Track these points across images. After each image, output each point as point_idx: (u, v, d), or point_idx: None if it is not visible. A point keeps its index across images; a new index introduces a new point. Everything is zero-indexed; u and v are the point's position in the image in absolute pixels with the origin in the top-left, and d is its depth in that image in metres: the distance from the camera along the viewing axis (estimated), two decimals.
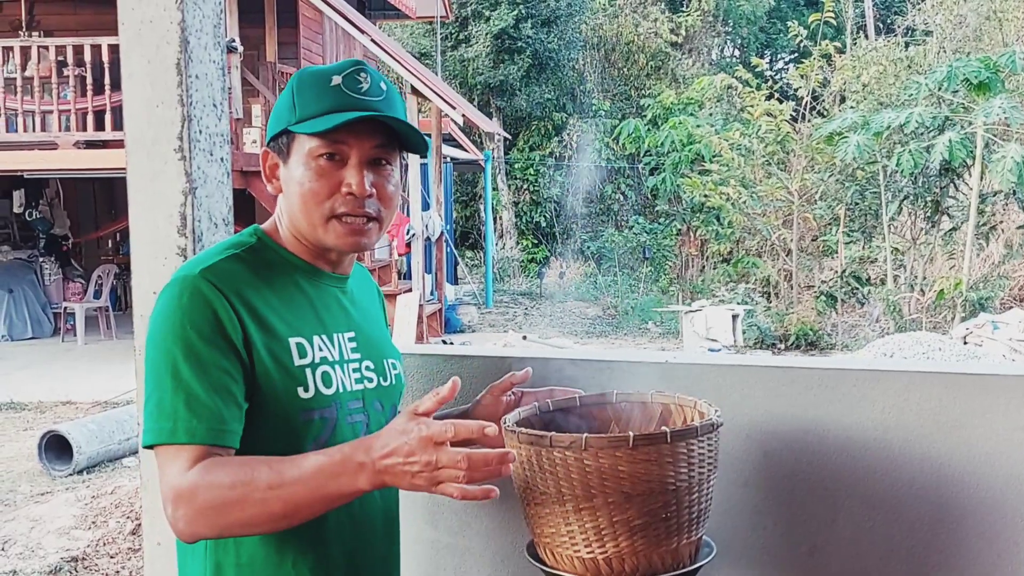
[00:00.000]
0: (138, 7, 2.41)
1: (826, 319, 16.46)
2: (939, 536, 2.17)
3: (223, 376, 1.61)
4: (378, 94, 1.74)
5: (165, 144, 2.42)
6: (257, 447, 1.65)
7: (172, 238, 2.42)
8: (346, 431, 1.74)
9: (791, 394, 2.24)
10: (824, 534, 2.24)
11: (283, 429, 1.68)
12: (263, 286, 1.72)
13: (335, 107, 1.70)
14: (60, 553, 6.06)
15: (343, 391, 1.75)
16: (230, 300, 1.64)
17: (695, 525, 1.77)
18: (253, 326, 1.65)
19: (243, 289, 1.67)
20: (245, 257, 1.74)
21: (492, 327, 17.08)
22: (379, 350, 1.88)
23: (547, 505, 1.73)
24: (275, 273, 1.76)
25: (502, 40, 24.51)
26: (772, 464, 2.25)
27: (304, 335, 1.72)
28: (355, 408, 1.77)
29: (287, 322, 1.71)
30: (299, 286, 1.77)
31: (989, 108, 13.67)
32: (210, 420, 1.58)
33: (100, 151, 13.14)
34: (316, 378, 1.71)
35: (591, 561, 1.72)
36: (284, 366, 1.68)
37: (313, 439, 1.69)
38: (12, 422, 9.85)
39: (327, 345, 1.75)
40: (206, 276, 1.65)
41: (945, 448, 2.16)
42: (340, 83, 1.71)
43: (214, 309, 1.62)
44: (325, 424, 1.71)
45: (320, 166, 1.72)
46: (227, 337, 1.62)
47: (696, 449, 1.73)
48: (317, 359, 1.72)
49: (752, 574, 2.28)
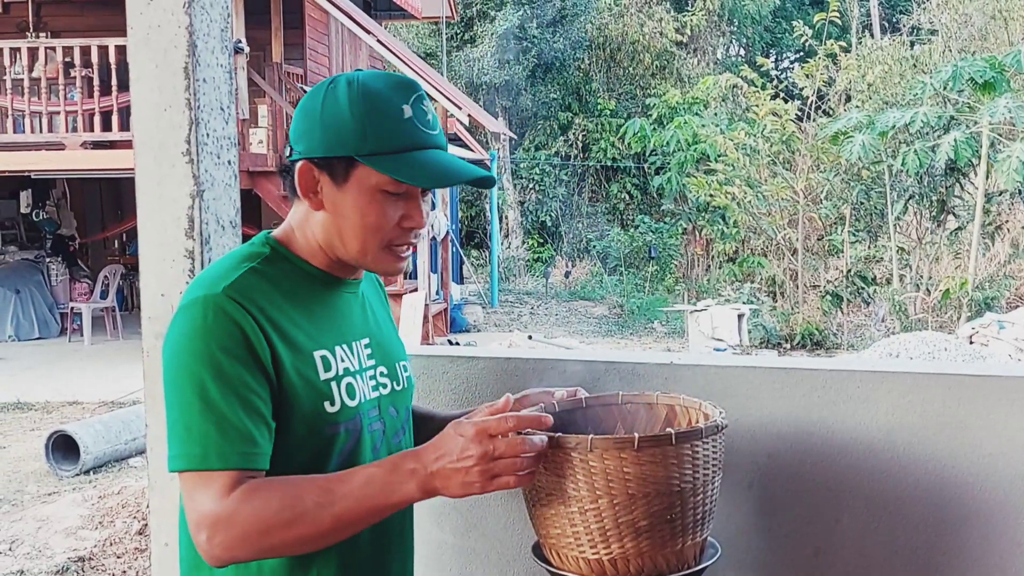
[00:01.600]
0: (146, 11, 2.43)
1: (831, 319, 16.47)
2: (943, 537, 2.17)
3: (253, 397, 1.58)
4: (437, 125, 1.72)
5: (173, 147, 2.43)
6: (283, 463, 1.63)
7: (180, 241, 2.44)
8: (366, 440, 1.74)
9: (796, 395, 2.25)
10: (829, 535, 2.25)
11: (310, 444, 1.67)
12: (283, 300, 1.68)
13: (412, 146, 1.67)
14: (67, 553, 6.09)
15: (364, 400, 1.74)
16: (256, 318, 1.61)
17: (700, 526, 1.78)
18: (280, 344, 1.63)
19: (266, 306, 1.64)
20: (262, 270, 1.70)
21: (497, 327, 17.10)
22: (391, 354, 1.87)
23: (553, 506, 1.74)
24: (293, 284, 1.72)
25: (508, 40, 24.52)
26: (777, 465, 2.26)
27: (327, 347, 1.70)
28: (374, 416, 1.77)
29: (310, 335, 1.69)
30: (317, 296, 1.75)
31: (994, 108, 13.65)
32: (242, 444, 1.56)
33: (107, 152, 13.18)
34: (341, 391, 1.69)
35: (596, 562, 1.73)
36: (310, 382, 1.66)
37: (339, 452, 1.69)
38: (19, 422, 9.87)
39: (348, 355, 1.74)
40: (229, 294, 1.61)
41: (949, 449, 2.17)
42: (412, 116, 1.67)
43: (241, 328, 1.59)
44: (350, 436, 1.70)
45: (387, 200, 1.69)
46: (256, 356, 1.59)
47: (701, 451, 1.73)
48: (341, 371, 1.70)
49: (757, 575, 2.29)
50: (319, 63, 16.62)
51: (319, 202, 1.71)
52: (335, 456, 1.68)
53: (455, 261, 18.86)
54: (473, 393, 2.40)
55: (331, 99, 1.68)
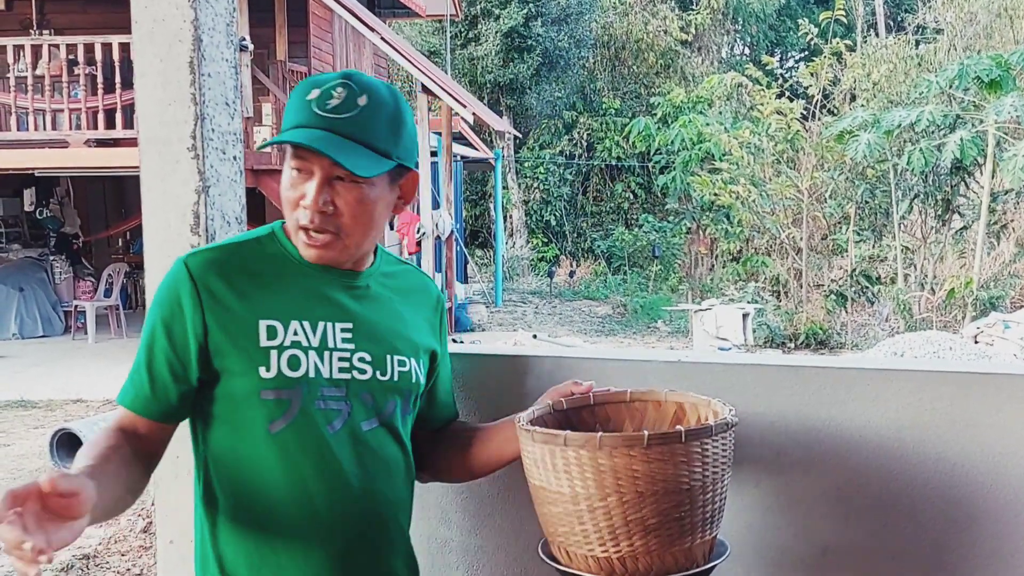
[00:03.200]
0: (151, 5, 2.42)
1: (836, 318, 16.44)
2: (953, 536, 2.16)
3: (162, 355, 1.80)
4: (348, 111, 1.77)
5: (178, 143, 2.42)
6: (219, 419, 1.83)
7: (185, 236, 2.43)
8: (316, 415, 1.80)
9: (804, 393, 2.23)
10: (837, 534, 2.23)
11: (245, 403, 1.79)
12: (246, 275, 1.83)
13: (298, 123, 1.78)
14: (71, 551, 6.07)
15: (315, 376, 1.80)
16: (198, 288, 1.79)
17: (709, 525, 1.77)
18: (216, 311, 1.79)
19: (216, 277, 1.80)
20: (245, 246, 1.88)
21: (501, 326, 17.09)
22: (383, 345, 1.89)
23: (561, 504, 1.73)
24: (269, 263, 1.86)
25: (512, 38, 24.50)
26: (785, 464, 2.25)
27: (279, 319, 1.81)
28: (332, 395, 1.81)
29: (261, 306, 1.81)
30: (290, 277, 1.85)
31: (1000, 106, 13.64)
32: (141, 389, 1.81)
33: (111, 150, 13.18)
34: (281, 360, 1.78)
35: (605, 560, 1.72)
36: (245, 347, 1.78)
37: (270, 418, 1.79)
38: (22, 420, 9.87)
39: (305, 330, 1.81)
40: (187, 263, 1.82)
41: (959, 448, 2.15)
42: (314, 98, 1.77)
43: (179, 294, 1.79)
44: (283, 404, 1.78)
45: (292, 177, 1.80)
46: (183, 323, 1.79)
47: (711, 448, 1.72)
48: (287, 342, 1.79)
49: (765, 574, 2.27)
50: (323, 61, 16.61)
51: None
52: (267, 421, 1.79)
53: (459, 260, 18.85)
54: (479, 392, 2.39)
55: None
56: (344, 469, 1.82)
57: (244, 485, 1.82)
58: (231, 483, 1.83)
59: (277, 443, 1.79)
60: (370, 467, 1.86)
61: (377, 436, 1.87)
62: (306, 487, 1.80)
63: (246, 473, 1.81)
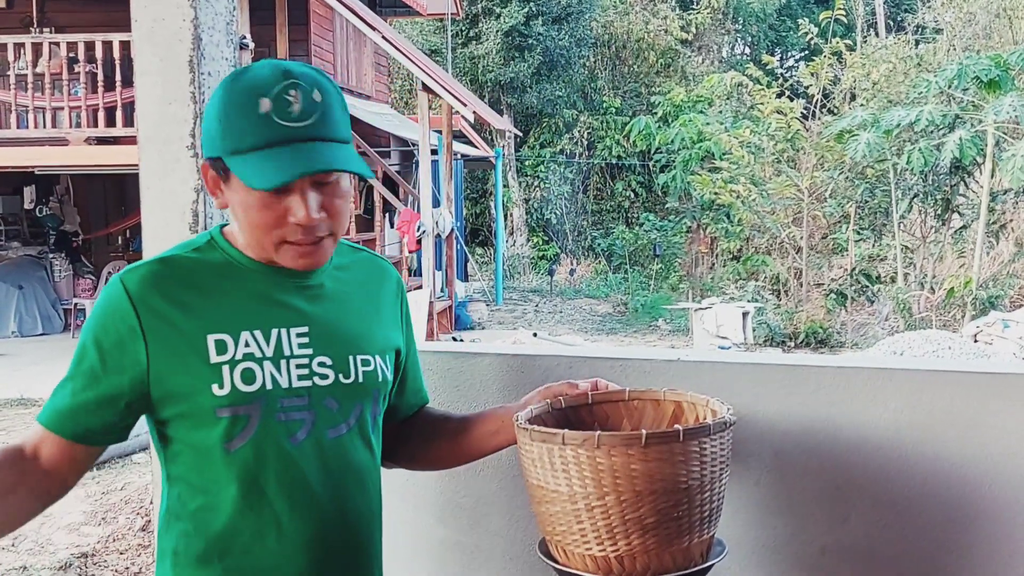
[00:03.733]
0: (151, 5, 2.42)
1: (836, 317, 16.45)
2: (952, 536, 2.16)
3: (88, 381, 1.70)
4: (310, 114, 1.63)
5: (177, 141, 2.42)
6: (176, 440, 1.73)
7: (184, 234, 2.43)
8: (276, 428, 1.70)
9: (803, 393, 2.24)
10: (836, 534, 2.23)
11: (195, 425, 1.70)
12: (186, 288, 1.71)
13: (267, 142, 1.61)
14: (70, 549, 6.08)
15: (273, 388, 1.70)
16: (137, 310, 1.68)
17: (707, 524, 1.77)
18: (159, 330, 1.68)
19: (156, 295, 1.69)
20: (185, 258, 1.75)
21: (502, 324, 17.09)
22: (344, 346, 1.79)
23: (559, 503, 1.73)
24: (212, 273, 1.74)
25: (512, 37, 24.52)
26: (784, 463, 2.25)
27: (228, 332, 1.70)
28: (293, 406, 1.71)
29: (208, 320, 1.70)
30: (237, 284, 1.74)
31: (999, 106, 13.64)
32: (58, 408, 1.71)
33: (111, 147, 13.19)
34: (234, 375, 1.67)
35: (603, 559, 1.72)
36: (194, 366, 1.67)
37: (231, 435, 1.69)
38: (22, 418, 9.87)
39: (257, 341, 1.71)
40: (124, 280, 1.70)
41: (958, 448, 2.15)
42: (270, 109, 1.61)
43: (116, 319, 1.68)
44: (241, 421, 1.68)
45: (262, 198, 1.65)
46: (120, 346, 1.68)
47: (709, 447, 1.72)
48: (240, 356, 1.69)
49: (763, 573, 2.28)
50: (324, 60, 16.62)
51: (224, 201, 1.73)
52: (224, 440, 1.69)
53: (460, 259, 18.85)
54: (479, 390, 2.39)
55: (212, 97, 1.69)
56: (310, 482, 1.73)
57: (205, 510, 1.72)
58: (192, 507, 1.73)
59: (236, 462, 1.69)
60: (338, 477, 1.77)
61: (344, 443, 1.78)
62: (271, 507, 1.72)
63: (207, 496, 1.72)
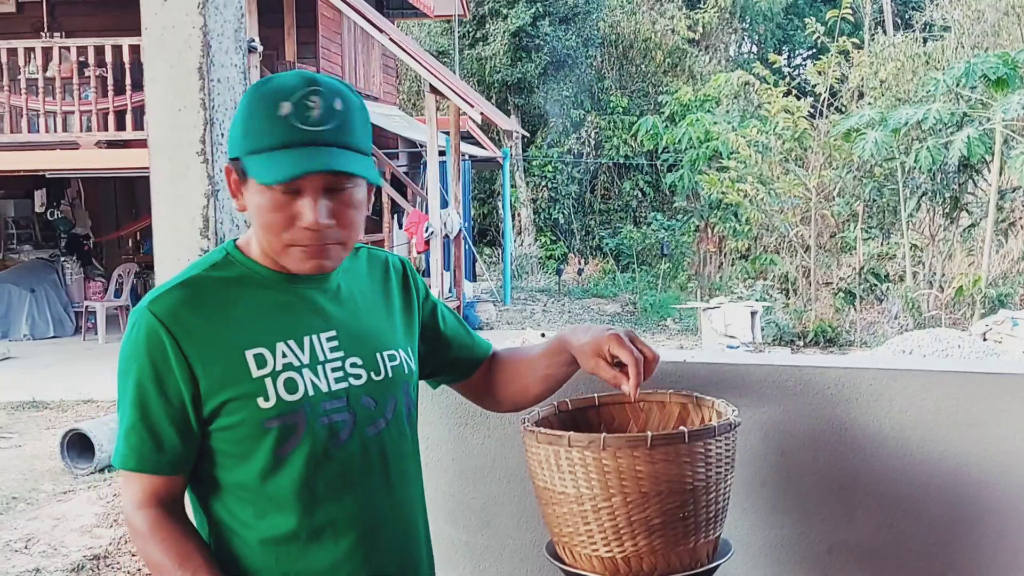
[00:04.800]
0: (160, 12, 2.45)
1: (844, 316, 16.43)
2: (957, 535, 2.18)
3: (159, 414, 1.72)
4: (329, 120, 1.68)
5: (188, 148, 2.45)
6: (223, 453, 1.76)
7: (195, 239, 2.46)
8: (321, 432, 1.75)
9: (808, 393, 2.26)
10: (842, 533, 2.25)
11: (245, 437, 1.74)
12: (216, 305, 1.76)
13: (283, 143, 1.66)
14: (82, 551, 6.11)
15: (314, 394, 1.75)
16: (174, 335, 1.71)
17: (713, 524, 1.79)
18: (199, 352, 1.72)
19: (189, 317, 1.73)
20: (205, 277, 1.79)
21: (510, 324, 17.10)
22: (369, 344, 1.85)
23: (566, 504, 1.75)
24: (236, 288, 1.78)
25: (519, 38, 24.53)
26: (790, 463, 2.27)
27: (264, 345, 1.74)
28: (334, 408, 1.77)
29: (242, 335, 1.74)
30: (263, 296, 1.79)
31: (1008, 104, 13.61)
32: (147, 451, 1.73)
33: (121, 151, 13.24)
34: (278, 386, 1.72)
35: (610, 560, 1.74)
36: (238, 381, 1.72)
37: (277, 445, 1.73)
38: (35, 420, 9.92)
39: (293, 351, 1.76)
40: (153, 310, 1.73)
41: (963, 447, 2.17)
42: (290, 113, 1.66)
43: (156, 346, 1.71)
44: (289, 430, 1.73)
45: (275, 199, 1.70)
46: (169, 370, 1.71)
47: (714, 449, 1.74)
48: (279, 366, 1.74)
49: (770, 573, 2.29)
50: (332, 62, 16.66)
51: (243, 204, 1.77)
52: (273, 449, 1.73)
53: (468, 259, 18.86)
54: None
55: (240, 102, 1.75)
56: (358, 479, 1.80)
57: (258, 517, 1.77)
58: (243, 516, 1.77)
59: (287, 469, 1.74)
60: (383, 471, 1.83)
61: (384, 438, 1.83)
62: (323, 508, 1.77)
63: (258, 505, 1.76)
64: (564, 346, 1.98)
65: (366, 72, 18.75)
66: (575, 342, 1.94)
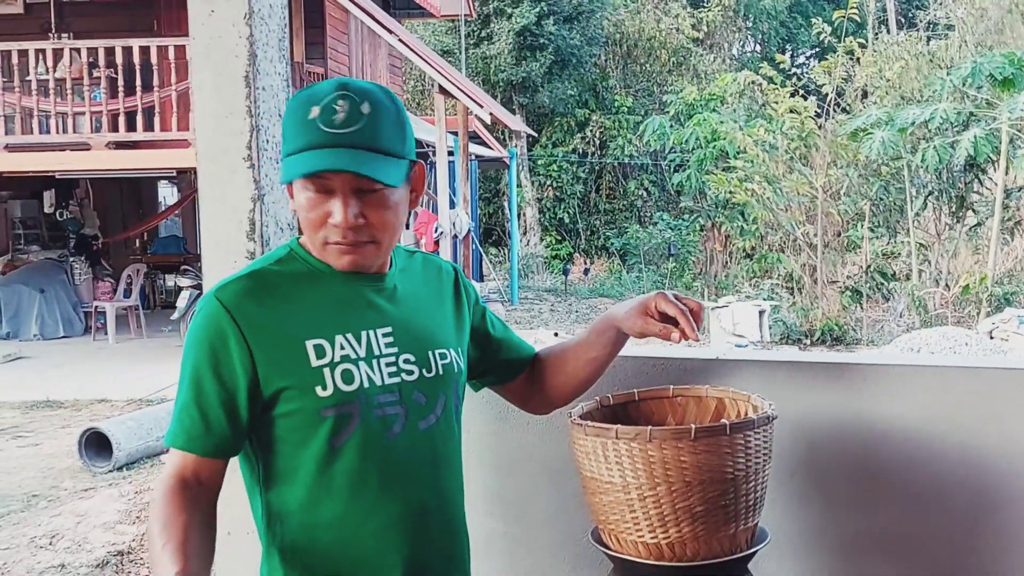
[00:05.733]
0: (208, 23, 2.53)
1: (851, 314, 16.49)
2: (979, 523, 2.27)
3: (213, 393, 1.79)
4: (355, 123, 1.76)
5: (234, 153, 2.53)
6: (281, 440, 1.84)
7: (241, 242, 2.54)
8: (375, 424, 1.83)
9: (835, 389, 2.35)
10: (867, 521, 2.34)
11: (301, 425, 1.81)
12: (278, 299, 1.84)
13: (308, 145, 1.77)
14: (106, 547, 6.19)
15: (369, 386, 1.83)
16: (237, 321, 1.79)
17: (752, 512, 1.88)
18: (260, 339, 1.80)
19: (253, 306, 1.81)
20: (270, 270, 1.87)
21: (519, 324, 17.17)
22: (422, 342, 1.92)
23: (612, 493, 1.84)
24: (298, 282, 1.87)
25: (524, 37, 24.63)
26: (817, 455, 2.36)
27: (323, 336, 1.82)
28: (387, 401, 1.84)
29: (303, 327, 1.82)
30: (323, 291, 1.87)
31: (1014, 104, 13.69)
32: (192, 430, 1.79)
33: (131, 152, 13.34)
34: (335, 376, 1.80)
35: (655, 546, 1.83)
36: (297, 370, 1.79)
37: (332, 434, 1.81)
38: (49, 420, 10.00)
39: (351, 343, 1.84)
40: (220, 297, 1.82)
41: (984, 439, 2.26)
42: (317, 116, 1.76)
43: (221, 333, 1.79)
44: (345, 420, 1.80)
45: (309, 198, 1.80)
46: (228, 360, 1.79)
47: (753, 440, 1.83)
48: (337, 358, 1.81)
49: (799, 560, 2.38)
50: (339, 62, 16.75)
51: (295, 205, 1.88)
52: (329, 437, 1.81)
53: (475, 259, 18.95)
54: None
55: None
56: (408, 472, 1.87)
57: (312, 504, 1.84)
58: (295, 503, 1.85)
59: (341, 458, 1.82)
60: (432, 465, 1.91)
61: (433, 433, 1.91)
62: (374, 498, 1.84)
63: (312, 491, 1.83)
64: (609, 322, 2.09)
65: (373, 72, 18.84)
66: (620, 311, 2.07)
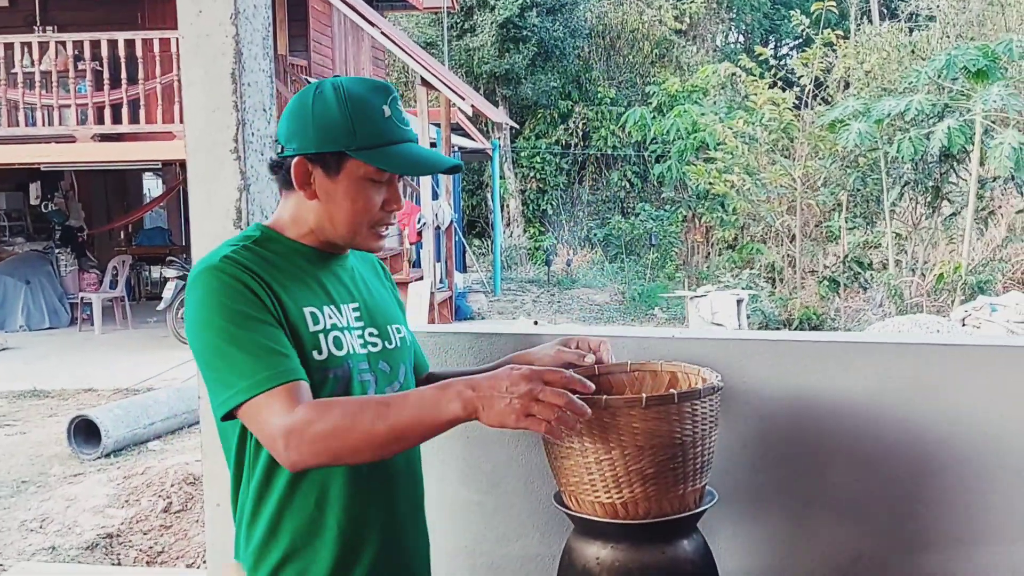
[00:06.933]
0: (196, 22, 2.68)
1: (829, 303, 16.70)
2: (919, 487, 2.44)
3: (268, 328, 1.86)
4: (408, 121, 2.01)
5: (222, 146, 2.68)
6: None
7: (228, 230, 2.69)
8: (357, 388, 1.97)
9: (786, 364, 2.52)
10: (816, 488, 2.51)
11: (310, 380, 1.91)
12: (273, 268, 1.95)
13: (393, 140, 1.96)
14: (96, 530, 6.34)
15: (353, 353, 1.98)
16: (255, 276, 1.89)
17: (699, 475, 2.04)
18: (278, 294, 1.91)
19: (259, 271, 1.92)
20: (252, 247, 1.98)
21: (501, 314, 17.35)
22: (382, 317, 2.11)
23: (572, 458, 2.01)
24: (281, 257, 1.99)
25: (507, 29, 24.75)
26: (769, 427, 2.53)
27: (315, 305, 1.97)
28: (364, 368, 2.00)
29: (299, 295, 1.96)
30: (304, 266, 2.01)
31: (987, 95, 13.89)
32: (280, 362, 1.83)
33: (116, 144, 13.44)
34: (328, 342, 1.94)
35: (610, 506, 2.00)
36: (300, 332, 1.91)
37: (332, 394, 1.92)
38: (36, 409, 10.13)
39: (335, 314, 1.99)
40: (227, 261, 1.91)
41: (925, 411, 2.44)
42: (391, 116, 1.96)
43: (245, 283, 1.87)
44: (338, 382, 1.94)
45: (372, 187, 1.98)
46: (262, 302, 1.88)
47: (700, 408, 2.00)
48: (328, 325, 1.96)
49: (753, 523, 2.55)
50: (323, 55, 16.86)
51: (312, 192, 1.99)
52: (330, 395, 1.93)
53: (458, 250, 19.09)
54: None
55: (320, 102, 1.96)
56: None
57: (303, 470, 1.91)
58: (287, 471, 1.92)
59: None
60: None
61: None
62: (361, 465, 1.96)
63: None
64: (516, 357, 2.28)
65: (356, 64, 18.94)
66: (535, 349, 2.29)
